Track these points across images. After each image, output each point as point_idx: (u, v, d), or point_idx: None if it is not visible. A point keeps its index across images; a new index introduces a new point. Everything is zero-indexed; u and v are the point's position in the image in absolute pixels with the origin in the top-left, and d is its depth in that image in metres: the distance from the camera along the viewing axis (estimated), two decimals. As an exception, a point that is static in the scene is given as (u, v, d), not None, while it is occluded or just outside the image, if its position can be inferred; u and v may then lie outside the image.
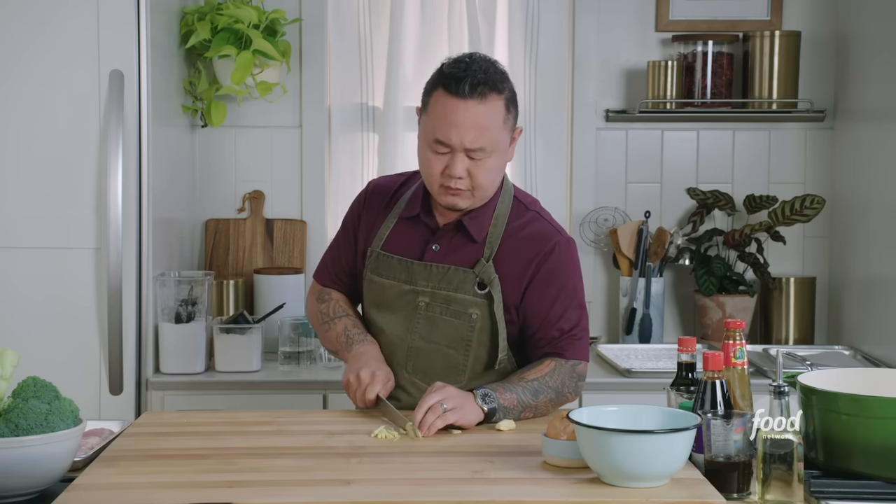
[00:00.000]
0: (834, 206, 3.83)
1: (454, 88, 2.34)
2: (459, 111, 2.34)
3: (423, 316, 2.48)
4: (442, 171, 2.38)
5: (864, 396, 1.95)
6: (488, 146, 2.36)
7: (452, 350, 2.47)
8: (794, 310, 3.81)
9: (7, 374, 1.95)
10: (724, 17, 3.87)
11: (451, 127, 2.34)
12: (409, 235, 2.53)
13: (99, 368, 3.15)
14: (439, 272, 2.47)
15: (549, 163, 3.89)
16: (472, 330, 2.46)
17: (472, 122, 2.34)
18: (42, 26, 3.12)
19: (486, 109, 2.35)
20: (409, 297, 2.50)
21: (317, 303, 2.68)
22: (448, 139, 2.35)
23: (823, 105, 3.84)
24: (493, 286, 2.44)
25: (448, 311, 2.47)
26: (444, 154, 2.37)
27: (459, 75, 2.35)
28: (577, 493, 1.87)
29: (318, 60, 3.83)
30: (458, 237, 2.49)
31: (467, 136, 2.34)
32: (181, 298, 3.28)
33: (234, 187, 3.85)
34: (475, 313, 2.45)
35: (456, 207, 2.43)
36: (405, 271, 2.50)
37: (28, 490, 1.88)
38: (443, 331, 2.47)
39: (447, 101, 2.35)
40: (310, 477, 1.97)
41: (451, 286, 2.46)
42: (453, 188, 2.39)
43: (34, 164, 3.15)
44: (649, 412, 2.00)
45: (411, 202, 2.55)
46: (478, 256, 2.46)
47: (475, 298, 2.45)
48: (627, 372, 3.34)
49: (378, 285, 2.54)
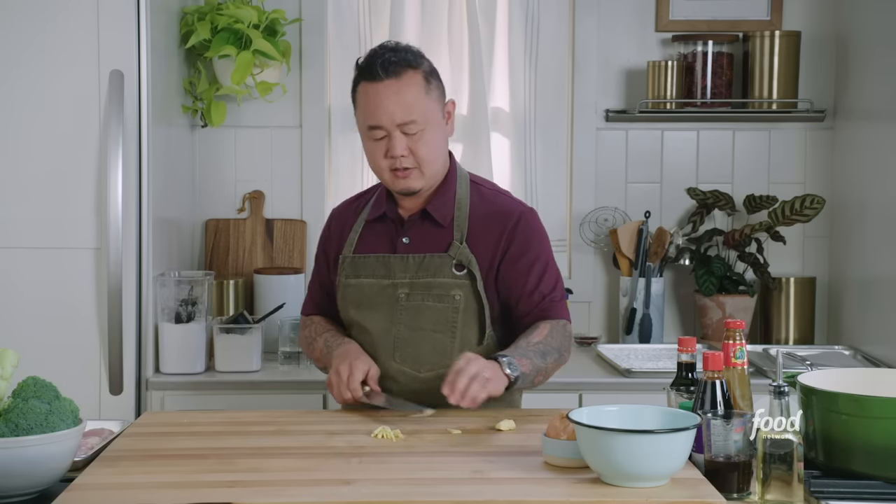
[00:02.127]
0: (834, 206, 3.83)
1: (369, 74, 2.47)
2: (380, 92, 2.45)
3: (404, 306, 2.53)
4: (385, 155, 2.47)
5: (864, 396, 1.95)
6: (419, 118, 2.45)
7: (440, 334, 2.51)
8: (794, 310, 3.81)
9: (7, 374, 1.95)
10: (724, 17, 3.87)
11: (376, 109, 2.45)
12: (377, 235, 2.60)
13: (99, 368, 3.15)
14: (415, 261, 2.53)
15: (549, 163, 3.89)
16: (457, 311, 2.51)
17: (394, 99, 2.44)
18: (42, 26, 3.12)
19: (405, 84, 2.45)
20: (388, 290, 2.54)
21: (302, 331, 2.74)
22: (378, 121, 2.45)
23: (823, 105, 3.84)
24: (471, 265, 2.51)
25: (430, 297, 2.52)
26: (381, 139, 2.47)
27: (371, 62, 2.48)
28: (577, 493, 1.87)
29: (318, 60, 3.83)
30: (426, 226, 2.56)
31: (395, 112, 2.44)
32: (181, 298, 3.28)
33: (234, 187, 3.85)
34: (458, 294, 2.51)
35: (410, 190, 2.51)
36: (383, 266, 2.55)
37: (28, 490, 1.88)
38: (428, 316, 2.52)
39: (367, 88, 2.47)
40: (310, 477, 1.97)
41: (428, 272, 2.52)
42: (400, 169, 2.47)
43: (34, 164, 3.15)
44: (649, 412, 2.00)
45: (375, 205, 2.63)
46: (448, 240, 2.53)
47: (455, 280, 2.51)
48: (627, 372, 3.34)
49: (356, 287, 2.58)
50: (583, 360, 3.58)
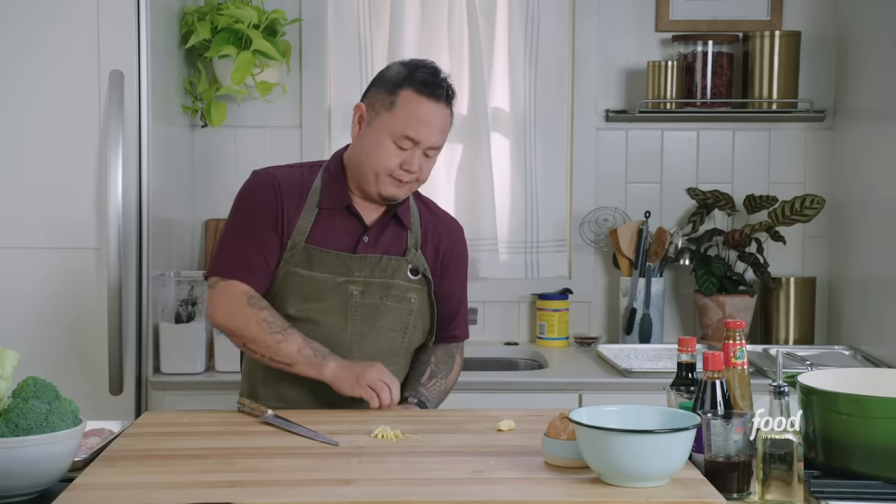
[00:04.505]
0: (834, 206, 3.83)
1: (430, 92, 2.52)
2: (434, 113, 2.53)
3: (359, 303, 2.58)
4: (400, 165, 2.53)
5: (864, 396, 1.95)
6: (442, 146, 2.59)
7: (394, 333, 2.62)
8: (794, 310, 3.81)
9: (7, 374, 1.95)
10: (724, 17, 3.87)
11: (424, 126, 2.51)
12: (336, 227, 2.60)
13: (99, 368, 3.15)
14: (372, 262, 2.60)
15: (549, 163, 3.89)
16: (411, 313, 2.63)
17: (440, 124, 2.54)
18: (42, 26, 3.12)
19: (447, 115, 2.57)
20: (341, 287, 2.58)
21: (250, 308, 2.50)
22: (418, 137, 2.51)
23: (823, 105, 3.84)
24: (426, 272, 2.65)
25: (388, 297, 2.61)
26: (405, 150, 2.53)
27: (434, 81, 2.53)
28: (577, 493, 1.87)
29: (318, 60, 3.83)
30: (387, 228, 2.62)
31: (434, 137, 2.53)
32: (181, 298, 3.28)
33: (234, 187, 3.81)
34: (413, 297, 2.63)
35: (397, 198, 2.59)
36: (341, 264, 2.58)
37: (28, 490, 1.88)
38: (385, 315, 2.61)
39: (422, 103, 2.52)
40: (310, 477, 1.97)
41: (386, 273, 2.60)
42: (403, 180, 2.55)
43: (34, 164, 3.15)
44: (649, 412, 2.00)
45: (333, 194, 2.60)
46: (404, 245, 2.64)
47: (411, 284, 2.63)
48: (627, 372, 3.34)
49: (306, 278, 2.57)
50: (583, 360, 3.58)
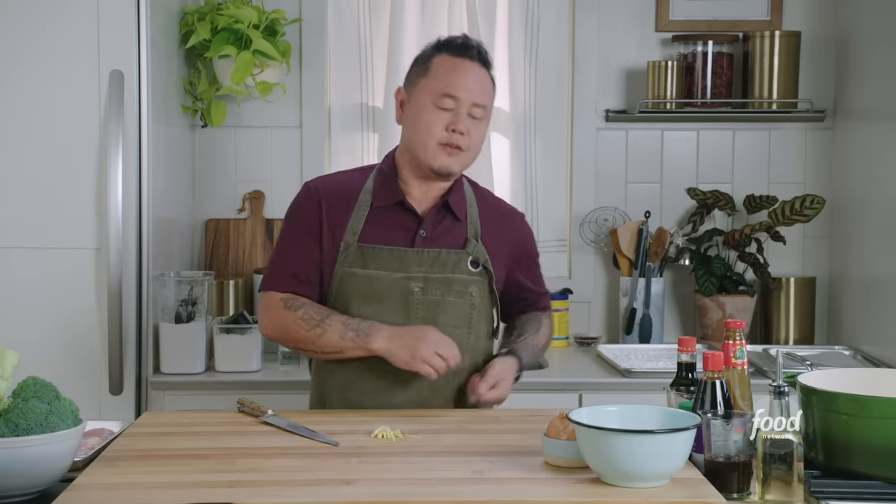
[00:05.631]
0: (834, 206, 3.83)
1: (458, 50, 2.53)
2: (467, 69, 2.52)
3: (420, 301, 2.53)
4: (446, 127, 2.49)
5: (864, 396, 1.95)
6: (488, 106, 2.55)
7: (459, 329, 2.55)
8: (794, 310, 3.81)
9: (7, 374, 1.95)
10: (724, 17, 3.87)
11: (460, 81, 2.50)
12: (389, 225, 2.56)
13: (99, 368, 3.15)
14: (431, 256, 2.54)
15: (549, 163, 3.89)
16: (474, 307, 2.57)
17: (476, 80, 2.52)
18: (42, 26, 3.12)
19: (486, 75, 2.55)
20: (400, 284, 2.52)
21: (288, 311, 2.54)
22: (457, 92, 2.49)
23: (823, 105, 3.84)
24: (487, 263, 2.58)
25: (450, 293, 2.55)
26: (448, 111, 2.50)
27: (465, 44, 2.55)
28: (577, 493, 1.87)
29: (318, 60, 3.83)
30: (443, 220, 2.57)
31: (475, 91, 2.51)
32: (181, 298, 3.28)
33: (234, 187, 3.85)
34: (474, 291, 2.57)
35: (449, 170, 2.52)
36: (397, 260, 2.53)
37: (28, 490, 1.88)
38: (449, 312, 2.55)
39: (453, 61, 2.52)
40: (310, 477, 1.97)
41: (446, 268, 2.55)
42: (454, 144, 2.49)
43: (34, 165, 3.15)
44: (649, 412, 2.00)
45: (385, 190, 2.57)
46: (463, 236, 2.58)
47: (472, 277, 2.57)
48: (627, 372, 3.34)
49: (362, 277, 2.53)
50: (583, 360, 3.58)
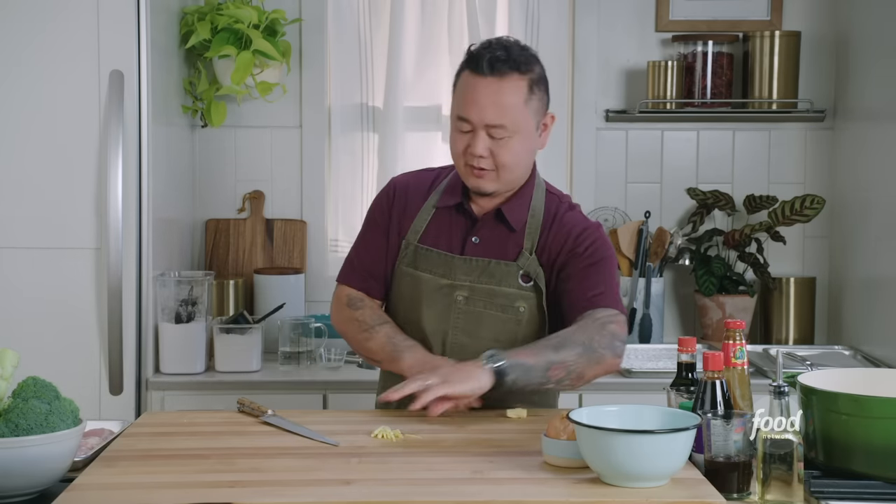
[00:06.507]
0: (834, 206, 3.83)
1: (475, 66, 2.38)
2: (479, 88, 2.37)
3: (462, 310, 2.46)
4: (465, 150, 2.40)
5: (864, 396, 1.95)
6: (509, 125, 2.37)
7: (500, 344, 2.39)
8: (794, 310, 3.81)
9: (7, 374, 1.95)
10: (724, 17, 3.87)
11: (471, 103, 2.37)
12: (447, 228, 2.50)
13: (99, 368, 3.15)
14: (480, 266, 2.46)
15: (549, 163, 3.89)
16: (520, 324, 2.45)
17: (491, 99, 2.36)
18: (42, 26, 3.12)
19: (506, 87, 2.36)
20: (445, 290, 2.47)
21: (349, 309, 2.55)
22: (468, 115, 2.38)
23: (823, 105, 3.84)
24: (538, 278, 2.45)
25: (492, 305, 2.45)
26: (467, 133, 2.39)
27: (480, 54, 2.39)
28: (577, 493, 1.86)
29: (318, 60, 3.83)
30: (498, 228, 2.47)
31: (486, 112, 2.36)
32: (181, 298, 3.28)
33: (234, 187, 3.85)
34: (522, 306, 2.45)
35: (481, 190, 2.43)
36: (444, 265, 2.47)
37: (28, 490, 1.88)
38: (489, 325, 2.45)
39: (468, 79, 2.39)
40: (310, 477, 1.97)
41: (493, 280, 2.45)
42: (476, 168, 2.39)
43: (34, 165, 3.15)
44: (649, 412, 2.00)
45: (449, 191, 2.52)
46: (518, 248, 2.46)
47: (521, 291, 2.45)
48: (627, 372, 3.34)
49: (413, 279, 2.49)
50: (583, 360, 3.57)
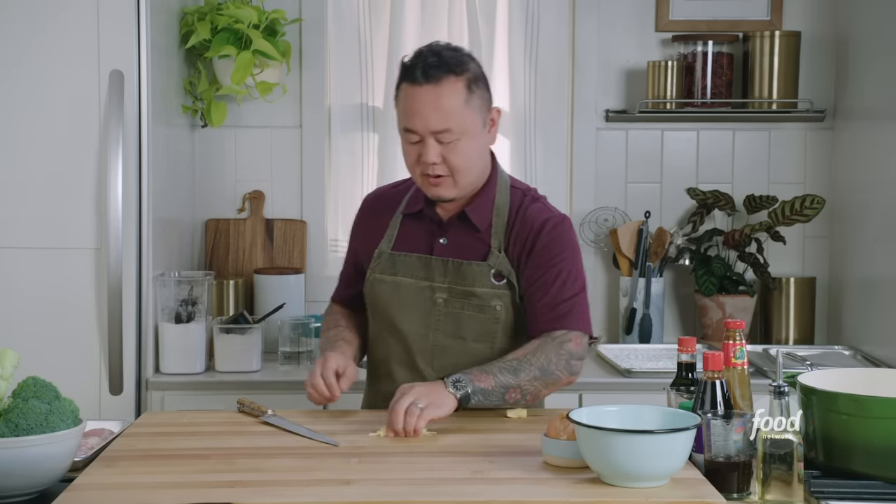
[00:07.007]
0: (834, 206, 3.83)
1: (410, 77, 2.40)
2: (417, 97, 2.38)
3: (443, 312, 2.49)
4: (417, 160, 2.42)
5: (864, 396, 1.95)
6: (454, 127, 2.38)
7: (480, 344, 2.49)
8: (794, 310, 3.81)
9: (7, 374, 1.95)
10: (724, 17, 3.87)
11: (413, 114, 2.39)
12: (415, 232, 2.55)
13: (99, 368, 3.15)
14: (453, 266, 2.49)
15: (549, 163, 3.89)
16: (497, 322, 2.49)
17: (431, 106, 2.37)
18: (42, 26, 3.12)
19: (444, 91, 2.38)
20: (425, 293, 2.50)
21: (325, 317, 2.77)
22: (413, 125, 2.40)
23: (823, 105, 3.84)
24: (510, 276, 2.47)
25: (470, 307, 2.48)
26: (416, 143, 2.41)
27: (413, 63, 2.41)
28: (577, 493, 1.87)
29: (318, 60, 3.83)
30: (464, 229, 2.50)
31: (429, 120, 2.37)
32: (181, 298, 3.28)
33: (234, 187, 3.85)
34: (498, 305, 2.48)
35: (441, 197, 2.47)
36: (423, 267, 2.51)
37: (28, 490, 1.88)
38: (468, 326, 2.49)
39: (407, 91, 2.41)
40: (310, 477, 1.97)
41: (466, 281, 2.48)
42: (432, 176, 2.42)
43: (34, 164, 3.15)
44: (649, 412, 2.00)
45: (413, 199, 2.58)
46: (485, 247, 2.49)
47: (495, 290, 2.48)
48: (627, 372, 3.34)
49: (391, 284, 2.54)
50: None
